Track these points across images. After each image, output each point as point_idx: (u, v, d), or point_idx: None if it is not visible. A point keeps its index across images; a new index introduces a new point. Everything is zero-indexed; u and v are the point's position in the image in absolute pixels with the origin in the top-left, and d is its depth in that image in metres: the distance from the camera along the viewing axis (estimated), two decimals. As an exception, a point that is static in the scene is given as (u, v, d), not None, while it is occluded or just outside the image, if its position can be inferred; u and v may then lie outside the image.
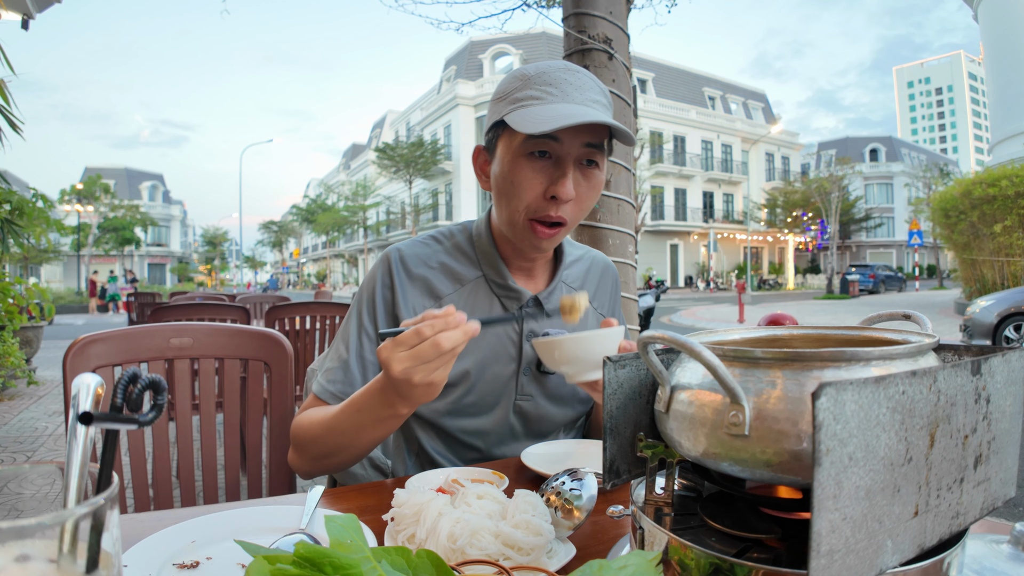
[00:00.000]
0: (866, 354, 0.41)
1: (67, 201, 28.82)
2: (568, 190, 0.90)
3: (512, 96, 0.93)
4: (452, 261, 1.06)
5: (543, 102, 0.90)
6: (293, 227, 50.64)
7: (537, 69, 0.93)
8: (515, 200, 0.94)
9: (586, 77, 0.94)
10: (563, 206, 0.93)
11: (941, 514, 0.40)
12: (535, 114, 0.88)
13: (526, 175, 0.92)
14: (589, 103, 0.91)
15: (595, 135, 0.91)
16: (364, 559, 0.39)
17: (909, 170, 42.94)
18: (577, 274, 1.16)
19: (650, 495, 0.53)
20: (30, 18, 5.21)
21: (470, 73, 32.08)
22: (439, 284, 1.04)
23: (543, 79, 0.91)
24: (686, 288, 34.57)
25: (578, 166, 0.93)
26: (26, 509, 0.37)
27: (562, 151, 0.91)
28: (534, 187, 0.92)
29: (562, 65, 0.94)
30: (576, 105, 0.89)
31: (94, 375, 0.37)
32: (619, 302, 1.25)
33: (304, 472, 0.98)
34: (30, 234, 5.59)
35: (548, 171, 0.92)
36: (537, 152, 0.91)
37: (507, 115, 0.92)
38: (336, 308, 3.20)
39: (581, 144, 0.91)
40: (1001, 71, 17.86)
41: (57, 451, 3.89)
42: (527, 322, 1.05)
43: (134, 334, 1.20)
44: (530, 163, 0.92)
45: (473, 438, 1.06)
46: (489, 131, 0.98)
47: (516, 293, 1.04)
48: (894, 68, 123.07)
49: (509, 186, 0.94)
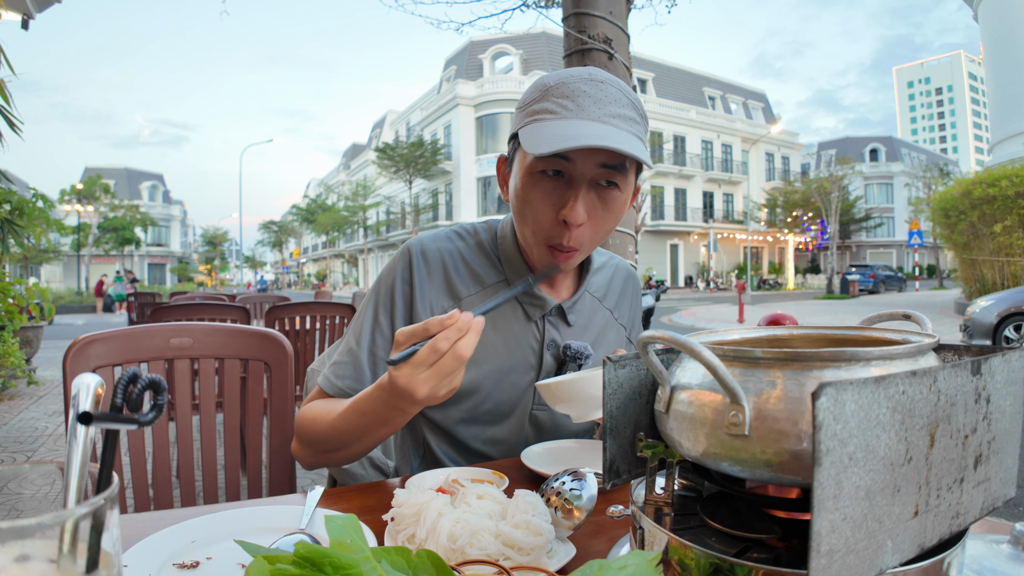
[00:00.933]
0: (866, 354, 0.41)
1: (67, 201, 28.83)
2: (578, 215, 0.85)
3: (530, 108, 0.88)
4: (474, 261, 1.02)
5: (557, 117, 0.84)
6: (293, 227, 50.64)
7: (559, 79, 0.87)
8: (529, 221, 0.90)
9: (611, 88, 0.86)
10: (575, 232, 0.87)
11: (941, 514, 0.40)
12: (544, 131, 0.82)
13: (537, 195, 0.88)
14: (608, 119, 0.84)
15: (613, 155, 0.84)
16: (364, 559, 0.39)
17: (909, 170, 42.98)
18: (600, 283, 1.12)
19: (650, 495, 0.53)
20: (30, 18, 5.21)
21: (470, 73, 32.08)
22: (460, 284, 1.00)
23: (561, 91, 0.85)
24: (686, 288, 34.57)
25: (594, 187, 0.87)
26: (26, 509, 0.37)
27: (575, 171, 0.85)
28: (545, 209, 0.88)
29: (586, 75, 0.87)
30: (591, 122, 0.83)
31: (94, 375, 0.37)
32: (640, 315, 1.20)
33: (308, 464, 0.96)
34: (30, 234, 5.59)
35: (560, 192, 0.87)
36: (551, 171, 0.86)
37: (520, 128, 0.87)
38: (336, 308, 3.20)
39: (596, 165, 0.85)
40: (1001, 71, 17.86)
41: (57, 451, 3.89)
42: (549, 331, 1.01)
43: (134, 334, 1.20)
44: (542, 183, 0.87)
45: (486, 446, 1.03)
46: (510, 141, 0.94)
47: (541, 301, 1.00)
48: (894, 68, 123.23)
49: (522, 205, 0.90)
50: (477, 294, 1.00)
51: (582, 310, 1.06)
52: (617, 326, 1.13)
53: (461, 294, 0.99)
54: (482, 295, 1.00)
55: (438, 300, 0.99)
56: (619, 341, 1.13)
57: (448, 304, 0.99)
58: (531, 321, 1.01)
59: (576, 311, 1.05)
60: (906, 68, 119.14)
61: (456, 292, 0.99)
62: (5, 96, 3.54)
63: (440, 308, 0.98)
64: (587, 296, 1.08)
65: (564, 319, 1.03)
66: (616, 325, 1.13)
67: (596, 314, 1.09)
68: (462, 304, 0.99)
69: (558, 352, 1.02)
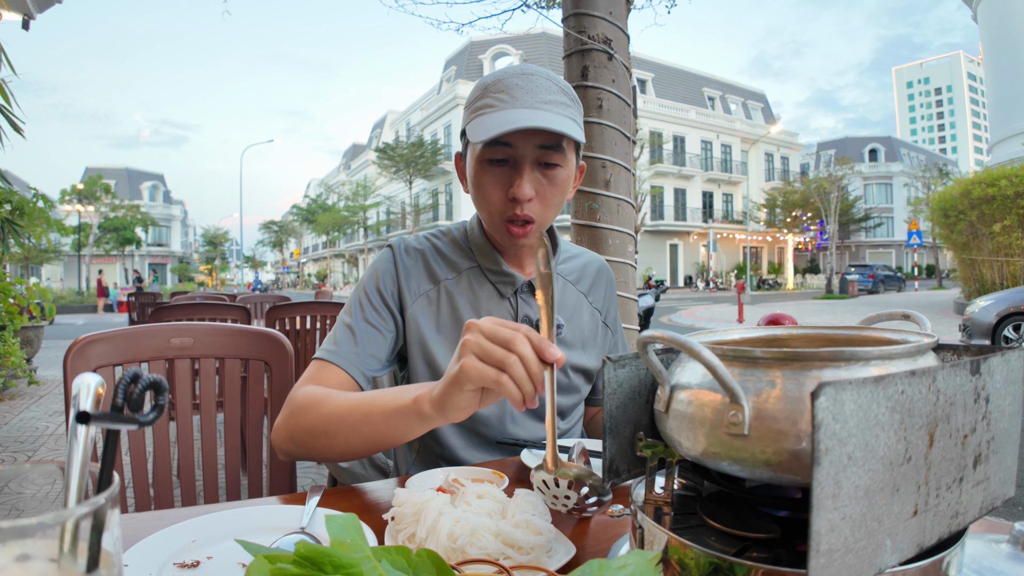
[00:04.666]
0: (865, 354, 0.41)
1: (68, 201, 28.83)
2: (523, 191, 0.95)
3: (473, 105, 0.99)
4: (449, 252, 1.12)
5: (495, 109, 0.94)
6: (293, 227, 50.62)
7: (494, 77, 0.98)
8: (485, 203, 1.01)
9: (541, 79, 0.97)
10: (527, 205, 0.98)
11: (940, 513, 0.40)
12: (486, 123, 0.93)
13: (488, 180, 0.98)
14: (541, 105, 0.94)
15: (549, 136, 0.95)
16: (364, 558, 0.39)
17: (908, 170, 42.95)
18: (573, 268, 1.21)
19: (650, 495, 0.53)
20: (31, 18, 5.21)
21: (470, 73, 32.07)
22: (438, 269, 1.10)
23: (497, 87, 0.96)
24: (686, 288, 34.57)
25: (537, 167, 0.97)
26: (27, 509, 0.37)
27: (517, 155, 0.96)
28: (496, 191, 0.98)
29: (518, 70, 0.98)
30: (525, 110, 0.93)
31: (95, 375, 0.37)
32: (615, 303, 1.29)
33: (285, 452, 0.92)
34: (31, 234, 5.59)
35: (507, 175, 0.98)
36: (497, 159, 0.97)
37: (466, 124, 0.98)
38: (336, 308, 3.19)
39: (535, 146, 0.95)
40: (1000, 71, 17.86)
41: (58, 451, 3.89)
42: (522, 307, 1.09)
43: (135, 334, 1.20)
44: (491, 169, 0.98)
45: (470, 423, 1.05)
46: (462, 138, 1.04)
47: (510, 277, 1.08)
48: (893, 68, 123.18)
49: (477, 190, 1.01)
50: (453, 278, 1.10)
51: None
52: (592, 309, 1.21)
53: (440, 277, 1.09)
54: (458, 279, 1.09)
55: (420, 284, 1.09)
56: (594, 323, 1.21)
57: (428, 287, 1.09)
58: (504, 298, 1.09)
59: None
60: (905, 68, 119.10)
61: (435, 276, 1.10)
62: (6, 96, 3.54)
63: (422, 290, 1.08)
64: (557, 278, 1.16)
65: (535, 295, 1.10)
66: (591, 308, 1.21)
67: (567, 294, 1.17)
68: (440, 286, 1.08)
69: (532, 326, 1.08)
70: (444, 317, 1.07)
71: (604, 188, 2.47)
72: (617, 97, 2.49)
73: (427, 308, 1.07)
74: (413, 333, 1.06)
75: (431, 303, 1.07)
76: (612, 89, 2.48)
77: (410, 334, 1.06)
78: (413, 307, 1.07)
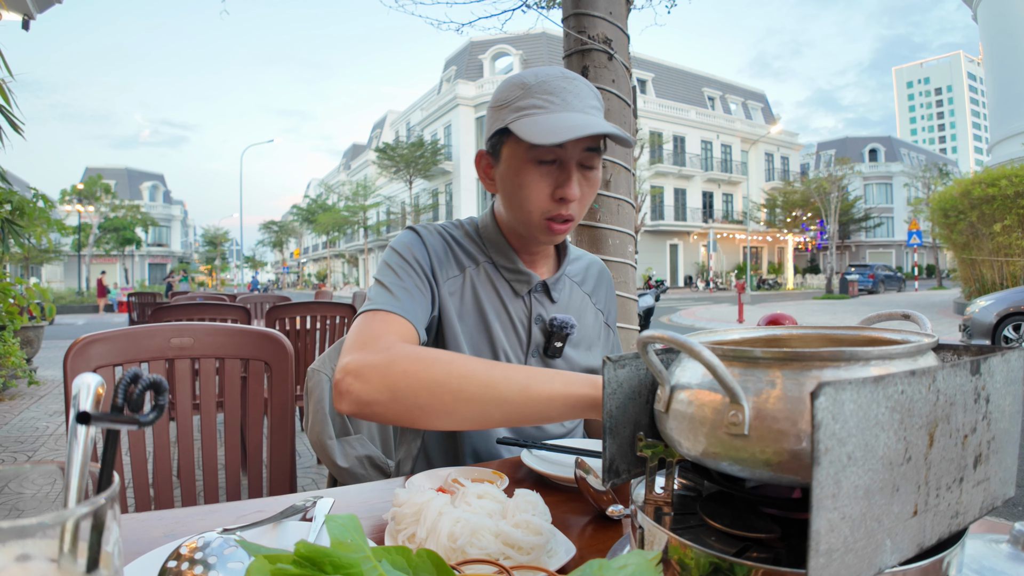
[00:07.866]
0: (865, 354, 0.41)
1: (68, 201, 28.82)
2: (574, 192, 0.98)
3: (514, 104, 0.97)
4: (465, 243, 1.12)
5: (546, 111, 0.94)
6: (293, 227, 50.60)
7: (536, 78, 0.97)
8: (527, 203, 1.00)
9: (582, 84, 0.99)
10: (571, 205, 1.00)
11: (940, 513, 0.40)
12: (542, 124, 0.93)
13: (534, 179, 0.98)
14: (588, 110, 0.97)
15: (593, 139, 0.97)
16: (364, 558, 0.39)
17: (908, 170, 42.96)
18: (577, 270, 1.22)
19: (650, 495, 0.53)
20: (31, 18, 5.21)
21: (470, 73, 32.06)
22: (462, 257, 1.10)
23: (543, 88, 0.96)
24: (686, 288, 34.56)
25: (578, 168, 0.99)
26: (27, 509, 0.37)
27: (566, 156, 0.97)
28: (542, 190, 0.99)
29: (559, 73, 0.99)
30: (578, 114, 0.95)
31: (95, 375, 0.37)
32: (615, 305, 1.30)
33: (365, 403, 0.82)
34: (31, 234, 5.59)
35: (554, 175, 0.99)
36: (547, 160, 0.98)
37: (511, 123, 0.96)
38: (336, 308, 3.20)
39: (582, 149, 0.97)
40: (1000, 71, 17.86)
41: (58, 451, 3.89)
42: (535, 306, 1.10)
43: (135, 334, 1.20)
44: (537, 169, 0.98)
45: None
46: (492, 137, 1.03)
47: (526, 276, 1.09)
48: (893, 68, 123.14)
49: (518, 189, 1.00)
50: (471, 268, 1.10)
51: (563, 289, 1.16)
52: (595, 310, 1.23)
53: (464, 264, 1.09)
54: (476, 271, 1.09)
55: (448, 268, 1.07)
56: (597, 324, 1.23)
57: (455, 272, 1.08)
58: (518, 296, 1.10)
59: (558, 289, 1.14)
60: (905, 68, 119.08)
61: (461, 263, 1.09)
62: (6, 96, 3.54)
63: (449, 274, 1.07)
64: (566, 279, 1.17)
65: (548, 295, 1.12)
66: (594, 309, 1.23)
67: (575, 295, 1.19)
68: (465, 273, 1.08)
69: (545, 326, 1.10)
70: (467, 305, 1.07)
71: (604, 188, 2.47)
72: (617, 97, 2.49)
73: (455, 292, 1.07)
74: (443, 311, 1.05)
75: (457, 289, 1.07)
76: (612, 89, 2.48)
77: (443, 310, 1.04)
78: (444, 287, 1.05)
